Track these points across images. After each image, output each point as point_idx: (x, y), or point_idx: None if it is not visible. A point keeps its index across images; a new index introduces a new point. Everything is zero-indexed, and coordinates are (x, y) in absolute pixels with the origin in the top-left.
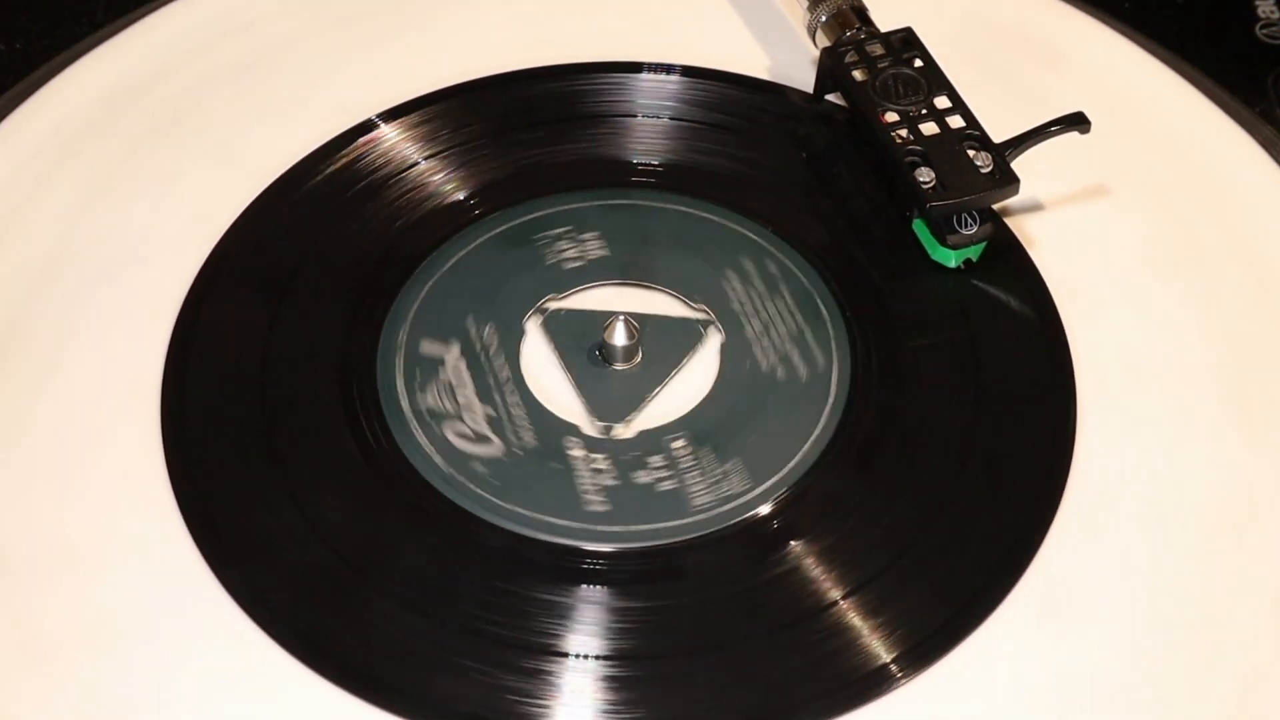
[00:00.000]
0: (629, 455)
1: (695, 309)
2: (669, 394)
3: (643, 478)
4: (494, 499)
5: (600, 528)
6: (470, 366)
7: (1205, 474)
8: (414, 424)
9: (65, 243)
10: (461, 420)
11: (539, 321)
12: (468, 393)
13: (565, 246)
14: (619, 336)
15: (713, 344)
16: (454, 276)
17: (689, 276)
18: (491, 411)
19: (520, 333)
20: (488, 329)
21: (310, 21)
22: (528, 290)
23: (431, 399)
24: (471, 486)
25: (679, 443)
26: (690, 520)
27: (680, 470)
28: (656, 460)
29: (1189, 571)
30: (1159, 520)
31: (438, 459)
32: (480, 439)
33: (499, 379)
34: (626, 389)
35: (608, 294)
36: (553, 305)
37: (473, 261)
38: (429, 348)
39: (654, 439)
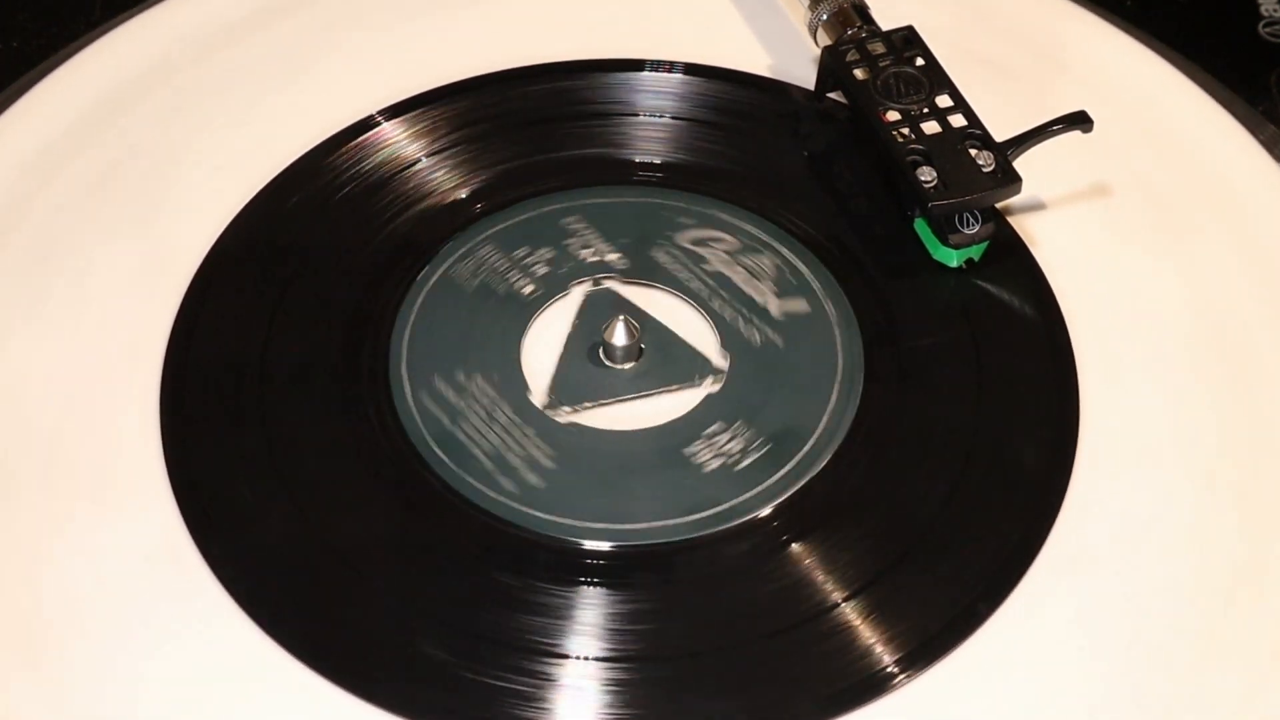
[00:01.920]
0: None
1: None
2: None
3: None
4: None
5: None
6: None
7: (1209, 474)
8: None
9: (63, 240)
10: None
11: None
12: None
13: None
14: (619, 336)
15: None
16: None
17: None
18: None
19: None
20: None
21: (308, 18)
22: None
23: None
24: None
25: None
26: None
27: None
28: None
29: (1192, 573)
30: (1162, 521)
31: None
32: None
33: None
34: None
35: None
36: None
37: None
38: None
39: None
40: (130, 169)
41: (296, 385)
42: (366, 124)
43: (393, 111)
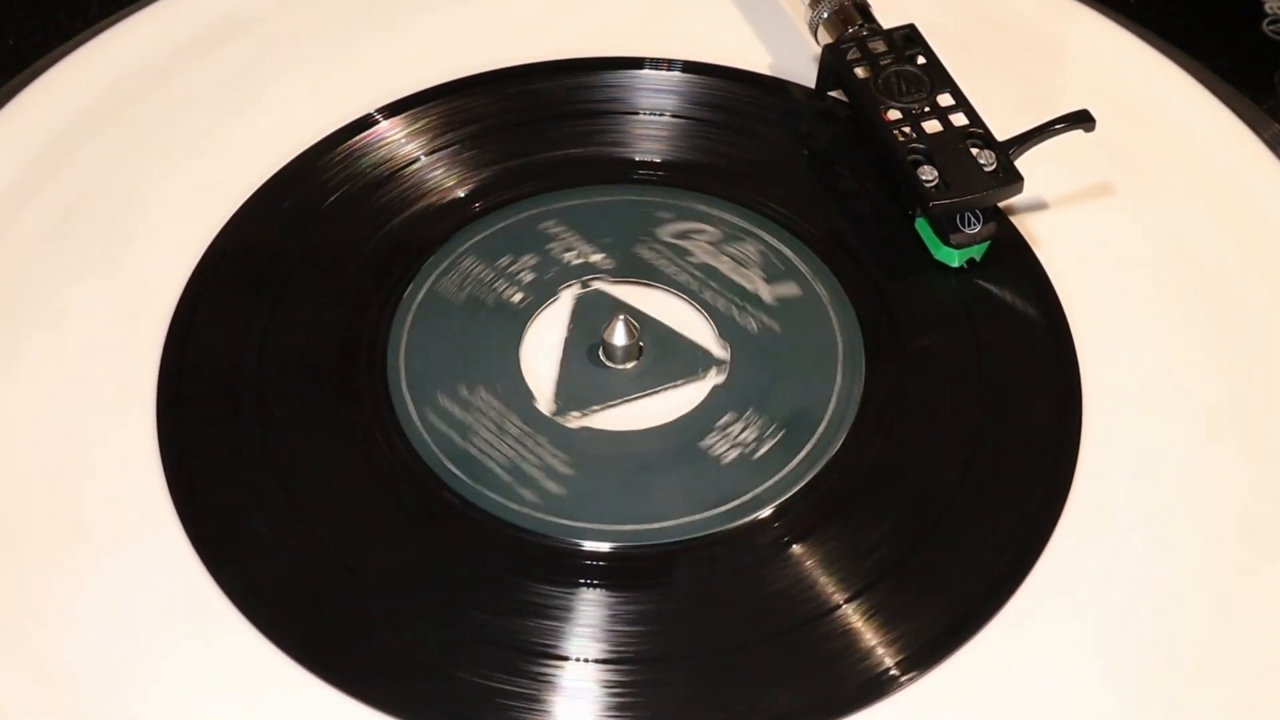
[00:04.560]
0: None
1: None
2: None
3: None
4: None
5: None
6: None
7: (1211, 475)
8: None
9: (60, 239)
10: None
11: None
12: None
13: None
14: (619, 336)
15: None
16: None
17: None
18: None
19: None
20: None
21: (306, 16)
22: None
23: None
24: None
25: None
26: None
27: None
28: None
29: (1195, 574)
30: (1165, 522)
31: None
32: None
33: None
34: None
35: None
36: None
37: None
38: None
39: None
40: (125, 167)
41: (294, 387)
42: (364, 123)
43: (390, 110)
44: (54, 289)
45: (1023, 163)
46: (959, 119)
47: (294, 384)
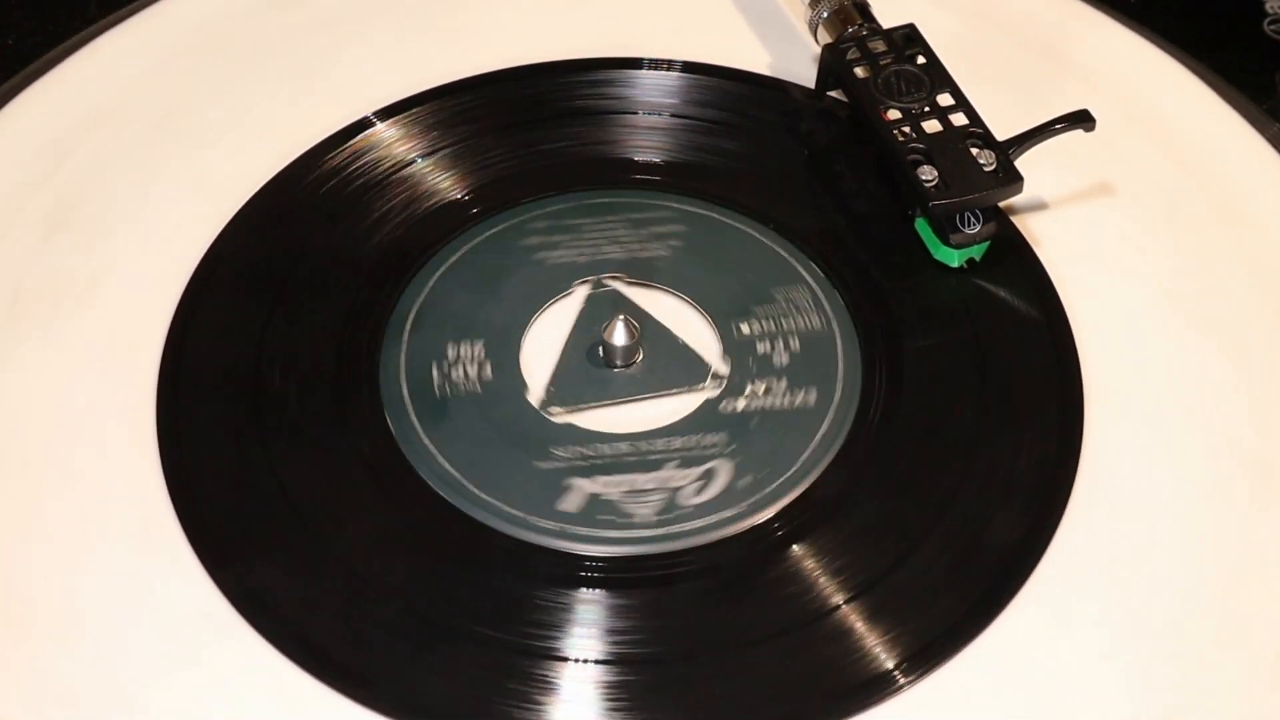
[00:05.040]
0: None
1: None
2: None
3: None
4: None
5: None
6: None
7: (1213, 476)
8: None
9: (59, 239)
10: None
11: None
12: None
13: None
14: (618, 336)
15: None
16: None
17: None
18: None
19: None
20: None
21: (304, 18)
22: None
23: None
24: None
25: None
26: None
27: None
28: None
29: (1196, 575)
30: (1166, 522)
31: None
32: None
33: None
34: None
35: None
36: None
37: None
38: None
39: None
40: (123, 170)
41: (292, 389)
42: (361, 125)
43: (387, 112)
44: (52, 291)
45: (1023, 162)
46: (959, 119)
47: (293, 386)
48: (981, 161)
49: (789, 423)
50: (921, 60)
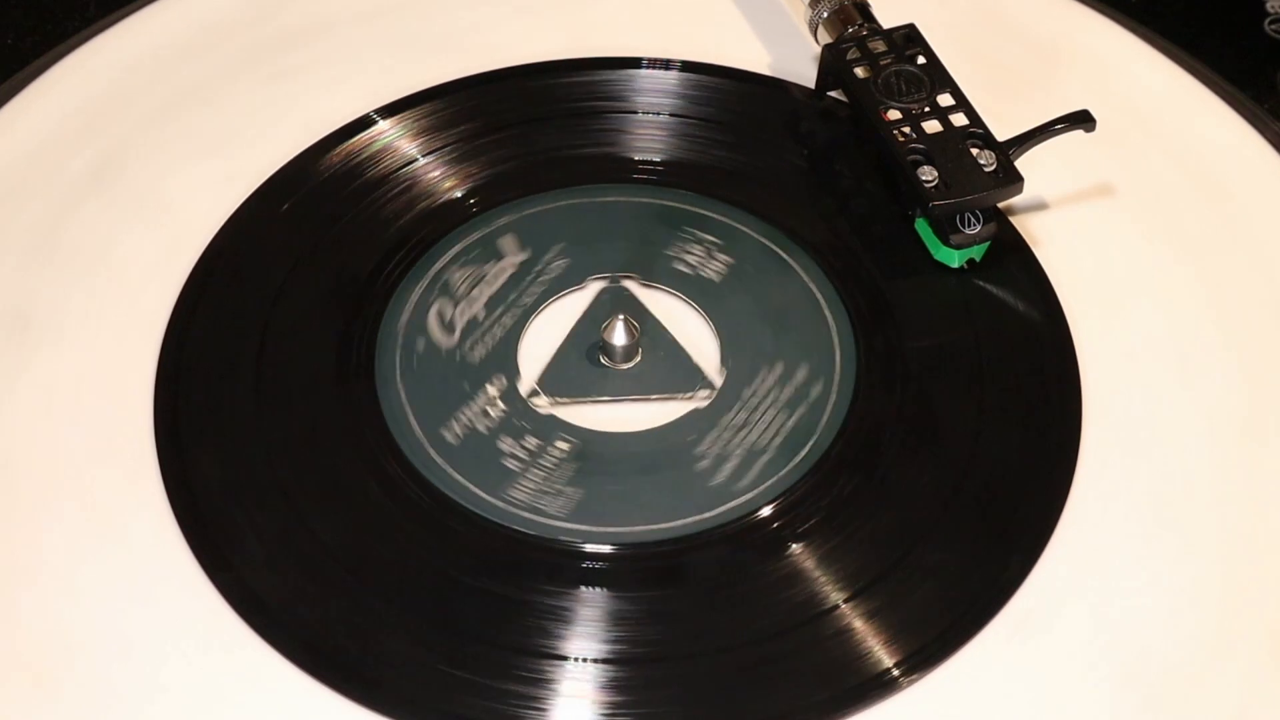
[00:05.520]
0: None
1: (720, 366)
2: (637, 406)
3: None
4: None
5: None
6: (512, 277)
7: (1213, 477)
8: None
9: (57, 239)
10: (453, 303)
11: (599, 287)
12: (484, 291)
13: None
14: (617, 335)
15: (696, 402)
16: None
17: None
18: (479, 316)
19: (573, 285)
20: (559, 263)
21: (304, 17)
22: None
23: (459, 275)
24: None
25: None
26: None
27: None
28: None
29: (1194, 577)
30: (1165, 524)
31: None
32: (446, 328)
33: (517, 301)
34: (592, 381)
35: (656, 297)
36: (626, 282)
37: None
38: (506, 242)
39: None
40: (122, 170)
41: (292, 389)
42: (363, 123)
43: (388, 110)
44: (51, 290)
45: (1023, 163)
46: (959, 119)
47: (292, 381)
48: (982, 162)
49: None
50: (922, 60)
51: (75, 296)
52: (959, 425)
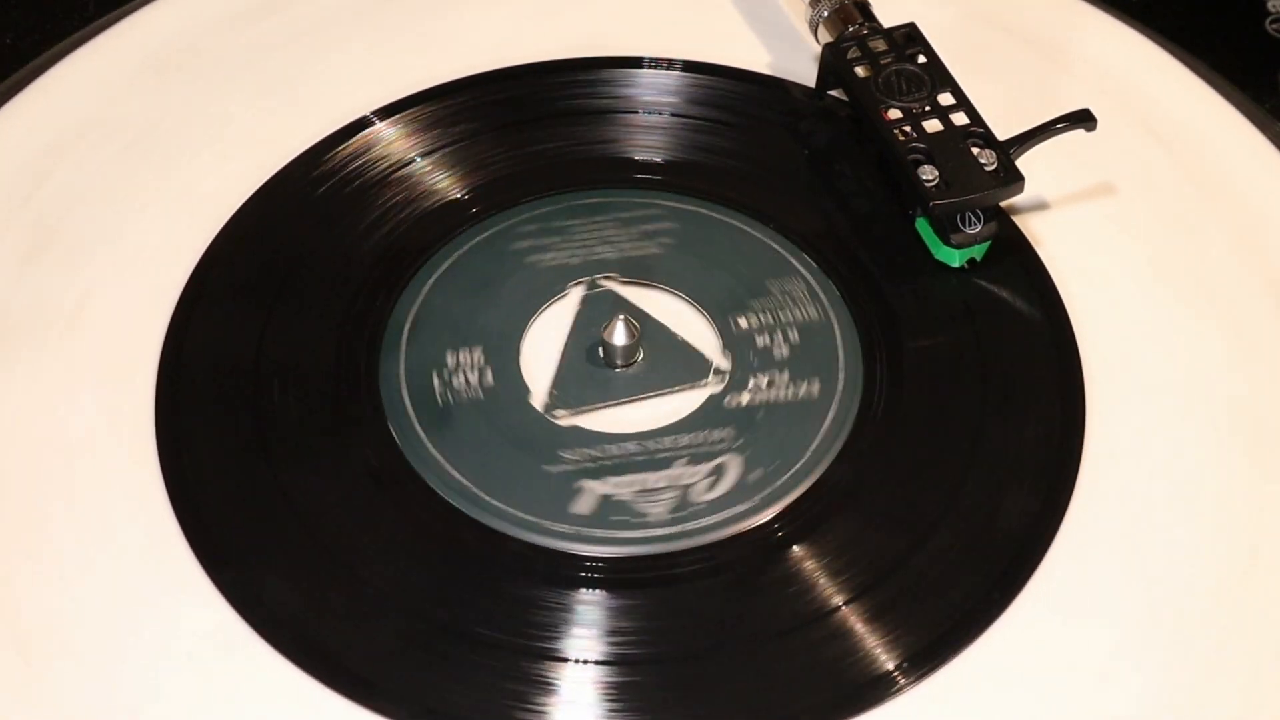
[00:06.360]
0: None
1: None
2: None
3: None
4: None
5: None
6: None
7: (1214, 478)
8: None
9: (55, 242)
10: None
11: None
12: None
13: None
14: (618, 336)
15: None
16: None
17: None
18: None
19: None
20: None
21: (303, 17)
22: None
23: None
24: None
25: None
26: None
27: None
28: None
29: (1197, 579)
30: (1167, 526)
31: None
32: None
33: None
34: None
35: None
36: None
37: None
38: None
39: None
40: (121, 168)
41: (291, 390)
42: (361, 124)
43: (386, 111)
44: (48, 292)
45: (1024, 162)
46: (960, 118)
47: (292, 386)
48: (982, 161)
49: (788, 422)
50: (922, 59)
51: (75, 294)
52: (960, 425)
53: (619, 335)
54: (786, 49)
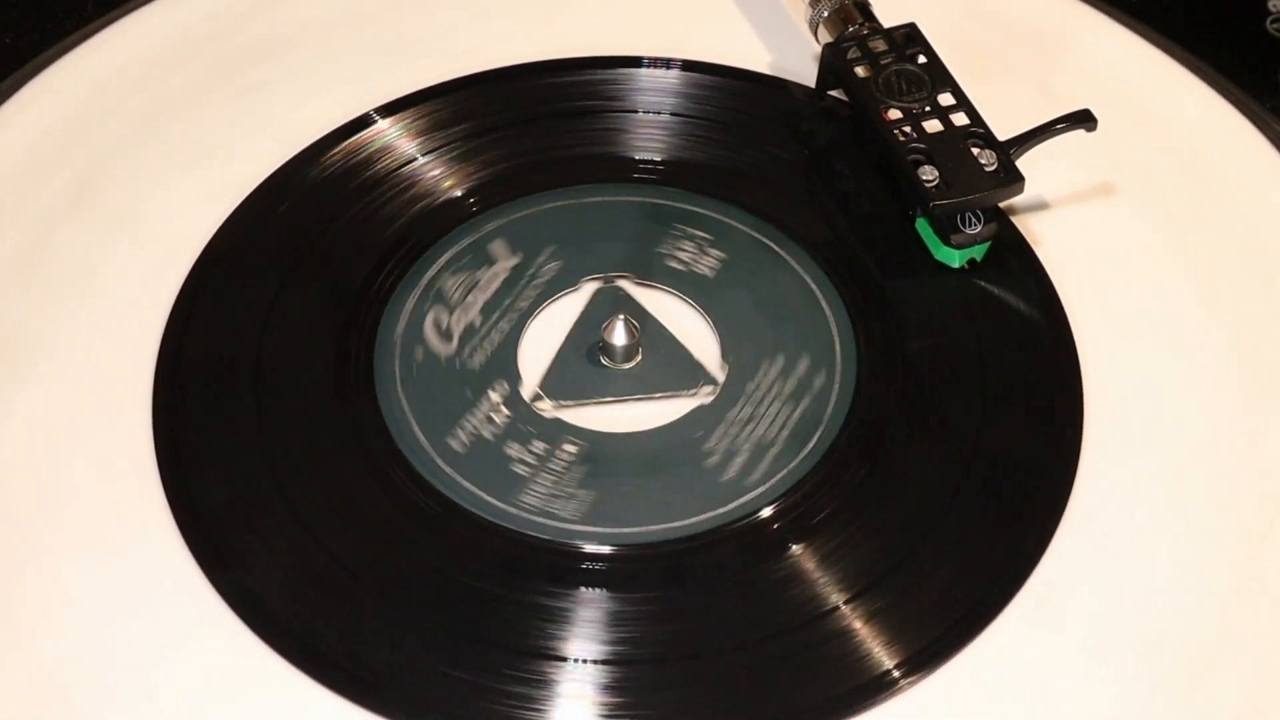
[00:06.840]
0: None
1: (721, 362)
2: (637, 406)
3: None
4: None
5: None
6: (506, 282)
7: (1214, 478)
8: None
9: (56, 239)
10: (449, 311)
11: (593, 288)
12: (479, 296)
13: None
14: (617, 336)
15: (699, 399)
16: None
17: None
18: (476, 323)
19: (567, 287)
20: (552, 265)
21: (303, 15)
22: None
23: (453, 282)
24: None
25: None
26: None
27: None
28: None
29: (1195, 579)
30: (1165, 525)
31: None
32: (444, 336)
33: (513, 305)
34: (594, 382)
35: (654, 296)
36: (621, 282)
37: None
38: (497, 248)
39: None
40: (121, 167)
41: (290, 389)
42: (362, 122)
43: (388, 109)
44: (49, 289)
45: (1024, 162)
46: (960, 118)
47: (291, 384)
48: (983, 161)
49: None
50: (922, 59)
51: (74, 293)
52: (959, 427)
53: (618, 335)
54: (787, 49)
